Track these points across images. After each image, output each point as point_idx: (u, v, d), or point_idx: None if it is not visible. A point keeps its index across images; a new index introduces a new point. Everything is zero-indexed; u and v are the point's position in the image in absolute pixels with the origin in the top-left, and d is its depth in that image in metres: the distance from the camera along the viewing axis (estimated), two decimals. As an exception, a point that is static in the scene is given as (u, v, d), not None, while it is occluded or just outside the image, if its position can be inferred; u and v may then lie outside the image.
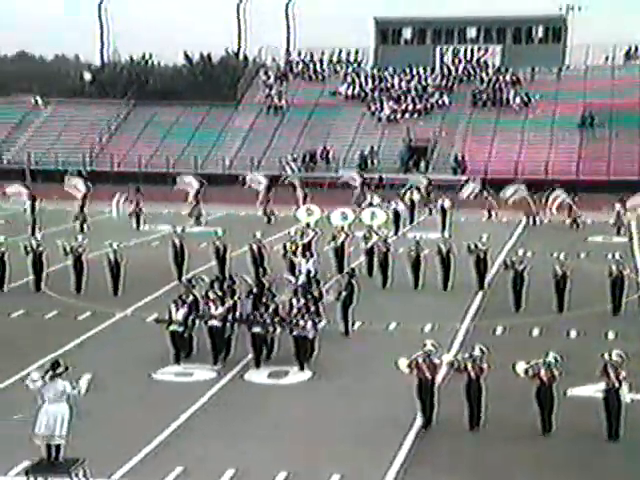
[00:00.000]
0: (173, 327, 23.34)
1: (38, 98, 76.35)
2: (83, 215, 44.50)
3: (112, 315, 28.24)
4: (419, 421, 19.44)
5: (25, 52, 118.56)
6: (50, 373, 16.67)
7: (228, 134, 70.31)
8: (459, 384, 19.50)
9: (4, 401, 20.59)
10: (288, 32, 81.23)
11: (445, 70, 73.94)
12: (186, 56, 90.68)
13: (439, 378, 19.75)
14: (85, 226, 43.67)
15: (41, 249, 31.58)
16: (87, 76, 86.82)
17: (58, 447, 16.53)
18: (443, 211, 46.10)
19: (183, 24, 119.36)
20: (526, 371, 19.09)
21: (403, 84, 72.64)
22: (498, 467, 17.69)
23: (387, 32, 77.32)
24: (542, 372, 18.91)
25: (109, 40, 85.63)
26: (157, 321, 24.40)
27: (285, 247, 32.96)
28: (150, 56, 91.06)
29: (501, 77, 72.18)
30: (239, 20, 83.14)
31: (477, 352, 19.23)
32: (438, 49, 75.46)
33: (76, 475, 16.21)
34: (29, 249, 31.52)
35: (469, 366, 19.17)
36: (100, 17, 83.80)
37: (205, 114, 72.73)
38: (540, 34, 74.45)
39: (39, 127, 73.27)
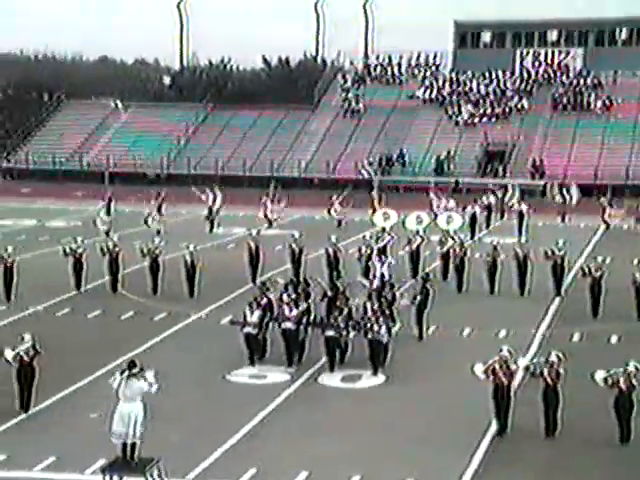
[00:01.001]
0: (247, 329, 23.36)
1: (118, 102, 77.34)
2: (161, 217, 44.89)
3: (187, 316, 28.39)
4: (494, 427, 19.18)
5: (106, 56, 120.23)
6: (126, 373, 16.80)
7: (305, 137, 70.45)
8: (535, 390, 19.21)
9: (80, 400, 20.79)
10: (366, 36, 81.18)
11: (525, 74, 73.25)
12: (264, 60, 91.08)
13: (515, 384, 19.50)
14: (162, 228, 44.09)
15: (118, 250, 31.86)
16: (166, 80, 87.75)
17: (133, 446, 16.66)
18: (520, 216, 45.59)
19: (261, 28, 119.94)
20: (605, 380, 18.74)
21: (482, 88, 72.14)
22: (574, 475, 17.37)
23: (466, 35, 76.86)
24: (621, 381, 18.55)
25: (188, 44, 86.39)
26: (232, 323, 24.45)
27: (360, 251, 32.86)
28: (229, 60, 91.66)
29: (582, 80, 71.26)
30: (318, 24, 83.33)
31: (554, 358, 18.92)
32: (518, 52, 74.78)
33: (151, 475, 16.30)
34: (106, 250, 31.83)
35: (545, 372, 18.88)
36: (181, 22, 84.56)
37: (282, 117, 72.99)
38: (624, 36, 73.24)
39: (118, 130, 74.18)
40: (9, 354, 19.75)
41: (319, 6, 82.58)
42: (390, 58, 77.72)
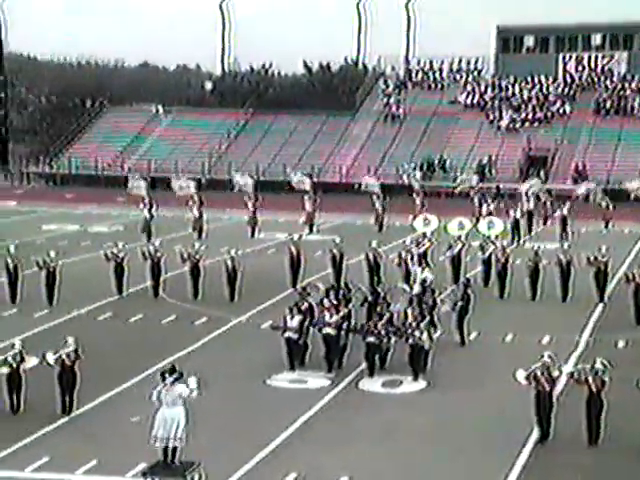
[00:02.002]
0: (288, 334, 23.33)
1: (160, 107, 77.77)
2: (201, 222, 45.00)
3: (228, 321, 28.42)
4: (536, 434, 19.00)
5: (148, 62, 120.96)
6: (167, 378, 16.82)
7: (345, 143, 70.47)
8: (577, 397, 19.01)
9: (121, 404, 20.86)
10: (408, 41, 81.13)
11: (568, 78, 72.77)
12: (305, 65, 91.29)
13: (557, 390, 19.30)
14: (203, 233, 44.23)
15: (159, 255, 31.97)
16: (208, 85, 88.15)
17: (174, 450, 16.71)
18: (563, 221, 45.22)
19: (303, 33, 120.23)
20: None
21: (524, 93, 71.75)
22: (618, 484, 17.18)
23: (509, 40, 76.56)
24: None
25: (230, 50, 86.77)
26: (272, 328, 24.43)
27: (401, 256, 32.76)
28: (270, 65, 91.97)
29: (627, 85, 70.65)
30: (359, 29, 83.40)
31: (599, 365, 18.71)
32: (561, 57, 74.33)
33: (192, 478, 16.35)
34: (147, 255, 31.94)
35: (590, 379, 18.68)
36: (223, 26, 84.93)
37: (323, 123, 73.05)
38: (671, 39, 72.50)
39: (160, 136, 74.63)
40: (51, 357, 19.88)
41: (361, 6, 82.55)
42: (432, 63, 77.61)
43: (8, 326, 26.88)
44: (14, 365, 19.82)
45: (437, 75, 76.90)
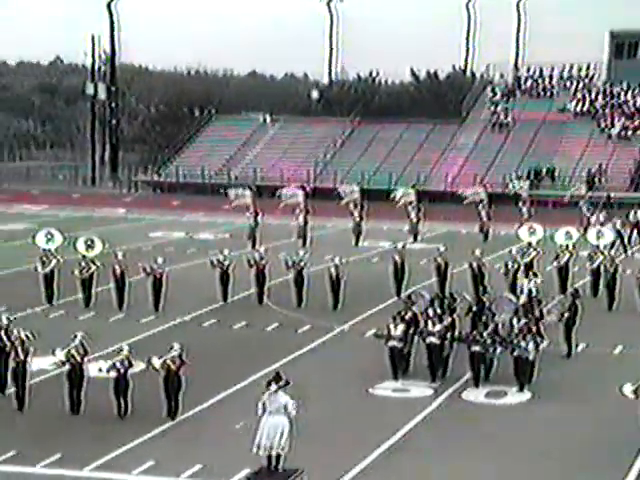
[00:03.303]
0: (392, 343, 23.22)
1: (267, 116, 78.38)
2: (306, 230, 45.17)
3: (331, 329, 28.42)
4: (645, 449, 18.54)
5: (256, 71, 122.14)
6: (272, 386, 16.86)
7: (452, 151, 70.00)
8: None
9: (226, 410, 21.01)
10: (517, 46, 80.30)
11: (682, 85, 71.16)
12: (412, 73, 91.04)
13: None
14: (307, 241, 44.39)
15: (264, 262, 32.15)
16: (314, 94, 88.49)
17: (278, 457, 16.75)
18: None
19: (411, 41, 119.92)
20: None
21: (638, 100, 70.29)
22: None
23: (623, 46, 74.97)
24: None
25: (337, 59, 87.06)
26: (376, 336, 24.33)
27: (507, 266, 32.34)
28: (377, 73, 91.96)
29: None
30: (468, 36, 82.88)
31: None
32: (677, 63, 72.62)
33: (294, 485, 16.37)
34: (252, 262, 32.14)
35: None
36: (331, 36, 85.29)
37: (429, 131, 72.71)
38: None
39: (266, 144, 75.17)
40: (157, 362, 20.12)
41: (470, 7, 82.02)
42: (541, 70, 76.54)
43: (115, 331, 27.32)
44: (121, 370, 20.13)
45: (547, 82, 75.81)
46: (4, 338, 21.30)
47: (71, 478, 17.33)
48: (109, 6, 79.80)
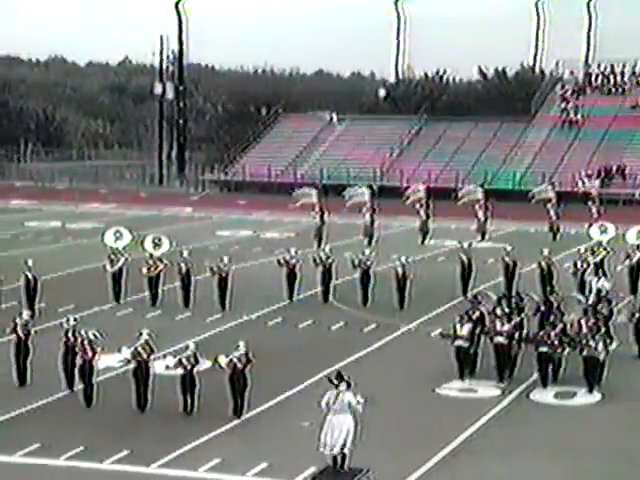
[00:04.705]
0: (458, 342, 23.03)
1: (333, 115, 78.39)
2: (372, 229, 45.04)
3: (397, 328, 28.28)
4: None
5: (323, 70, 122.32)
6: (337, 385, 16.81)
7: (520, 149, 69.38)
8: None
9: (291, 408, 20.99)
10: (588, 43, 79.21)
11: None
12: (480, 71, 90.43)
13: None
14: (373, 240, 44.28)
15: (330, 261, 32.10)
16: (381, 92, 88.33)
17: (344, 456, 16.72)
18: None
19: (479, 38, 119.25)
20: None
21: None
22: None
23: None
24: None
25: (404, 57, 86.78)
26: (442, 336, 24.15)
27: (576, 265, 31.94)
28: (444, 72, 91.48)
29: None
30: (537, 32, 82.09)
31: None
32: None
33: (361, 484, 16.30)
34: (318, 261, 32.11)
35: None
36: (398, 35, 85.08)
37: (497, 130, 72.15)
38: None
39: (333, 143, 75.16)
40: (223, 360, 20.16)
41: (540, 5, 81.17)
42: (613, 67, 75.44)
43: (182, 329, 27.48)
44: (188, 367, 20.21)
45: (618, 79, 74.69)
46: (72, 337, 21.51)
47: (138, 475, 17.43)
48: (177, 6, 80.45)
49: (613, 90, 74.27)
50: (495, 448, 18.82)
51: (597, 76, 75.65)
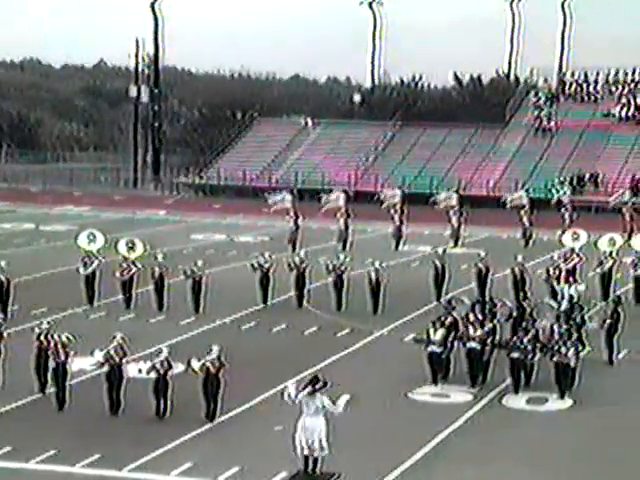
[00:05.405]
0: (431, 348, 23.11)
1: (308, 119, 78.47)
2: (346, 234, 45.08)
3: (370, 333, 28.33)
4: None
5: (299, 74, 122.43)
6: (309, 388, 16.87)
7: (494, 156, 69.67)
8: None
9: (265, 412, 20.99)
10: (562, 51, 79.68)
11: None
12: (456, 77, 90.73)
13: None
14: (347, 245, 44.34)
15: (304, 266, 32.12)
16: (357, 98, 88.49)
17: (316, 460, 16.74)
18: None
19: (454, 45, 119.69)
20: None
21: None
22: None
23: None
24: None
25: (379, 62, 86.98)
26: (416, 341, 24.23)
27: (548, 272, 32.08)
28: (420, 77, 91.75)
29: None
30: (512, 39, 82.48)
31: None
32: None
33: (332, 489, 16.33)
34: (293, 265, 32.13)
35: None
36: (374, 40, 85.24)
37: (472, 135, 72.44)
38: None
39: (308, 148, 75.22)
40: (196, 364, 20.16)
41: (514, 7, 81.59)
42: (586, 74, 75.95)
43: (155, 332, 27.43)
44: (161, 371, 20.18)
45: (591, 87, 75.18)
46: (44, 341, 21.44)
47: (110, 478, 17.39)
48: (152, 7, 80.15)
49: (586, 98, 74.72)
50: (468, 453, 18.89)
51: (571, 84, 76.12)
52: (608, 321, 25.27)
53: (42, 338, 21.55)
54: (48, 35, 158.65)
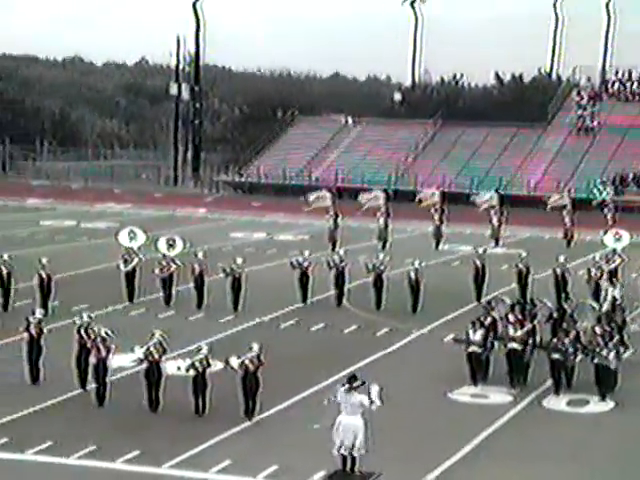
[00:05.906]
0: (471, 348, 22.99)
1: (349, 118, 78.41)
2: (386, 233, 45.02)
3: (410, 333, 28.24)
4: None
5: (339, 73, 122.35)
6: (347, 386, 16.85)
7: (535, 155, 69.25)
8: None
9: (303, 411, 20.97)
10: (605, 50, 78.96)
11: None
12: (497, 76, 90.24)
13: None
14: (387, 244, 44.26)
15: (344, 264, 32.07)
16: (397, 96, 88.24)
17: (354, 459, 16.71)
18: None
19: (496, 43, 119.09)
20: None
21: None
22: None
23: None
24: None
25: (420, 61, 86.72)
26: (455, 341, 24.11)
27: (590, 272, 31.83)
28: (461, 76, 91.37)
29: None
30: (554, 38, 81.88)
31: None
32: None
33: (370, 488, 16.30)
34: (332, 264, 32.09)
35: None
36: (415, 39, 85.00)
37: (513, 135, 72.04)
38: None
39: (348, 146, 75.15)
40: (235, 362, 20.16)
41: (558, 8, 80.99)
42: (630, 73, 75.23)
43: (194, 330, 27.49)
44: (200, 369, 20.21)
45: (635, 86, 74.46)
46: (85, 335, 21.56)
47: (149, 475, 17.45)
48: (194, 6, 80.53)
49: (630, 97, 74.04)
50: (508, 453, 18.78)
51: (614, 83, 75.46)
52: (650, 323, 25.03)
53: (82, 332, 21.65)
54: (90, 33, 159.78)
